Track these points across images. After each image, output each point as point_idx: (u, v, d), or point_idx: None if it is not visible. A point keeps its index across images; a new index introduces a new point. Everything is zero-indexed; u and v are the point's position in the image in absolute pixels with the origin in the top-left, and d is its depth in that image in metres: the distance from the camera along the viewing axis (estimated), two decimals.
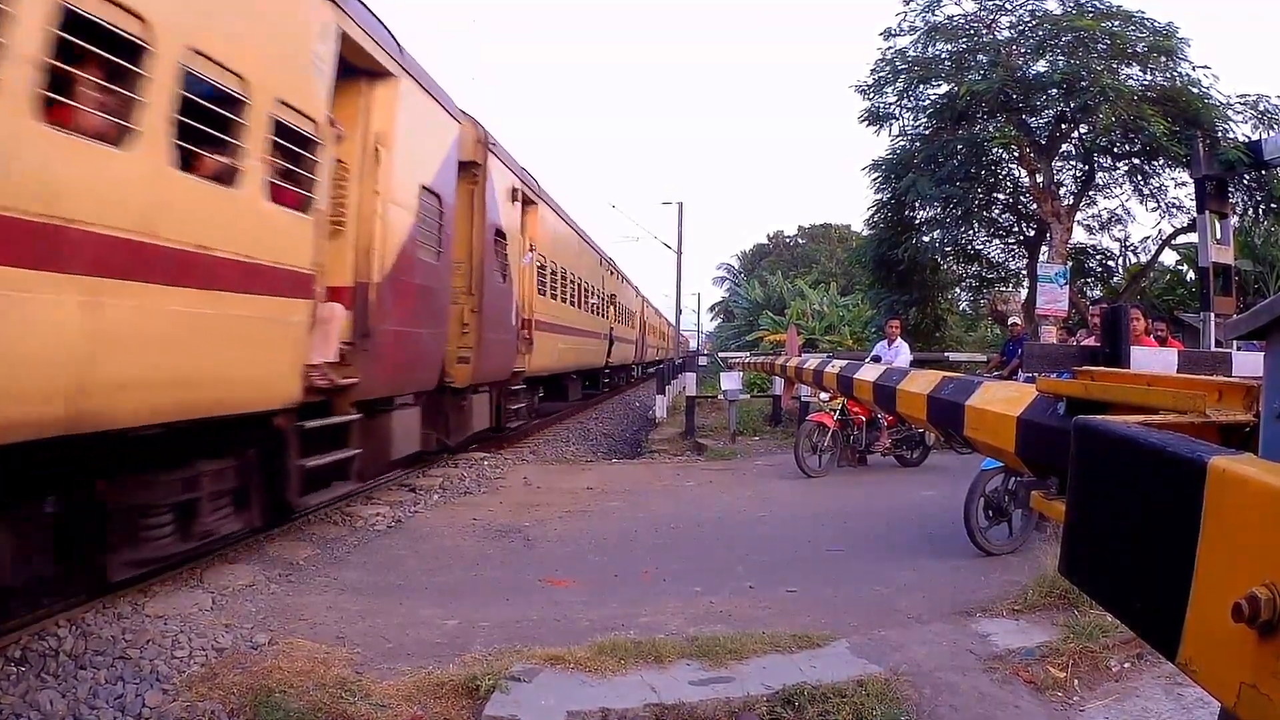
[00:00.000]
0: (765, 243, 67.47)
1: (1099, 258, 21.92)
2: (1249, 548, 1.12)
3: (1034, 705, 4.09)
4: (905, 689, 4.10)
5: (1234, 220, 17.99)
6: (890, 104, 19.65)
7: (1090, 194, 19.79)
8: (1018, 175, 19.64)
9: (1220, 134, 16.54)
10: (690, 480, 11.09)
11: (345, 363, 6.90)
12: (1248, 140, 16.47)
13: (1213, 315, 16.17)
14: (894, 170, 19.67)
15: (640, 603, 5.71)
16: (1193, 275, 21.05)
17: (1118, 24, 16.60)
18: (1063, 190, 18.98)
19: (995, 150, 18.40)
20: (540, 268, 15.09)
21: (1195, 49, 22.21)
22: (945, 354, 18.46)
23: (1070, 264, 17.81)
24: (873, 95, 19.69)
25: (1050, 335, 15.20)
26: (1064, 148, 18.67)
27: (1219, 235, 16.96)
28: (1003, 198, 20.52)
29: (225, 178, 5.07)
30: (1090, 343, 7.57)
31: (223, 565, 6.19)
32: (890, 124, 19.89)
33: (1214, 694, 1.20)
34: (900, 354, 11.66)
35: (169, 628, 4.86)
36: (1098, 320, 8.36)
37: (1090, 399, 2.09)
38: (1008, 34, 18.17)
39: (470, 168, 10.53)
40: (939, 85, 18.76)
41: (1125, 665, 4.53)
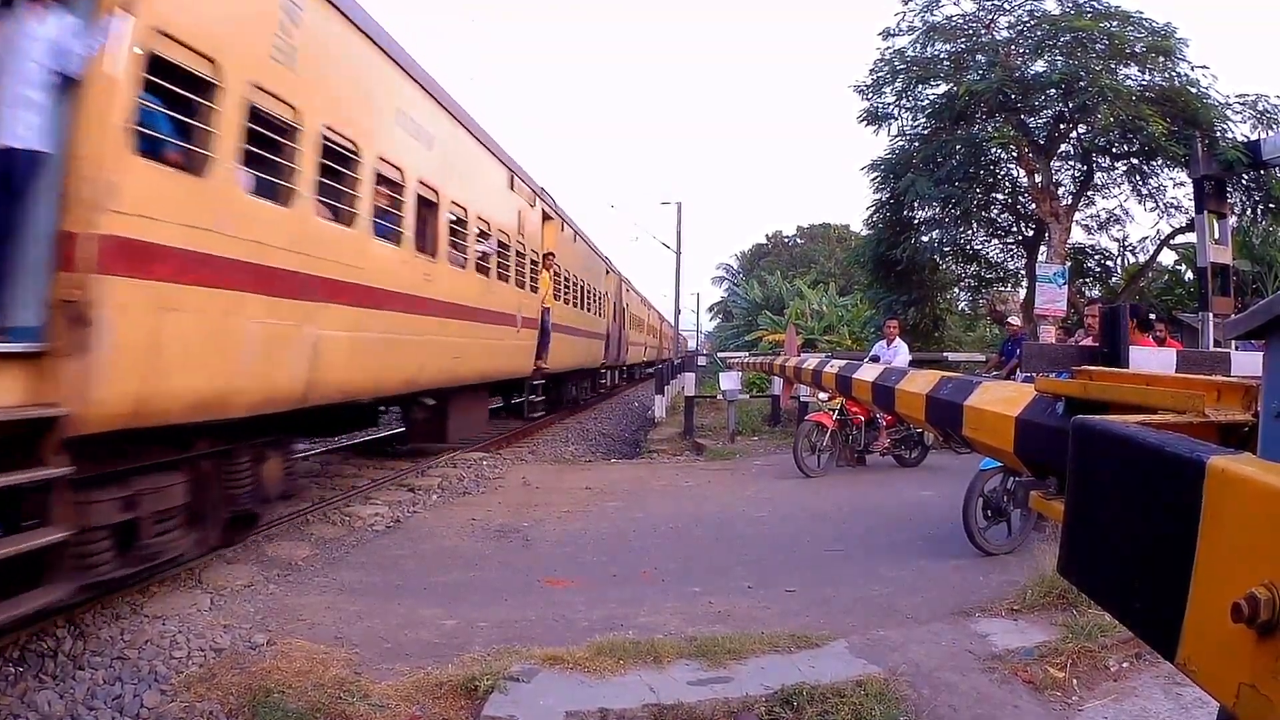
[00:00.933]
0: (764, 243, 67.46)
1: (1098, 258, 21.94)
2: (1248, 547, 1.12)
3: (1033, 705, 4.09)
4: (904, 689, 4.10)
5: (1232, 220, 17.99)
6: (889, 104, 19.67)
7: (1089, 194, 19.80)
8: (1016, 175, 19.66)
9: (1219, 134, 16.53)
10: (689, 480, 11.09)
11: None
12: (1246, 140, 16.47)
13: (1211, 315, 16.17)
14: (893, 170, 19.67)
15: (639, 603, 5.71)
16: (1191, 275, 21.07)
17: (1116, 24, 16.61)
18: (1061, 190, 18.99)
19: (994, 150, 18.40)
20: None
21: (1194, 49, 22.21)
22: (944, 354, 18.46)
23: (1069, 264, 17.82)
24: (871, 95, 19.71)
25: (1049, 335, 15.21)
26: (1062, 148, 18.67)
27: (1217, 235, 16.96)
28: (1001, 198, 20.53)
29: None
30: (1088, 342, 7.57)
31: (221, 565, 6.19)
32: (889, 124, 19.92)
33: (1213, 694, 1.20)
34: (899, 354, 11.67)
35: (167, 628, 4.85)
36: (1093, 320, 8.36)
37: (1089, 399, 2.09)
38: (1006, 34, 18.17)
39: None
40: (938, 85, 18.79)
41: (1124, 665, 4.53)
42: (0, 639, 4.36)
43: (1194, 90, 16.42)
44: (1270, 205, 18.60)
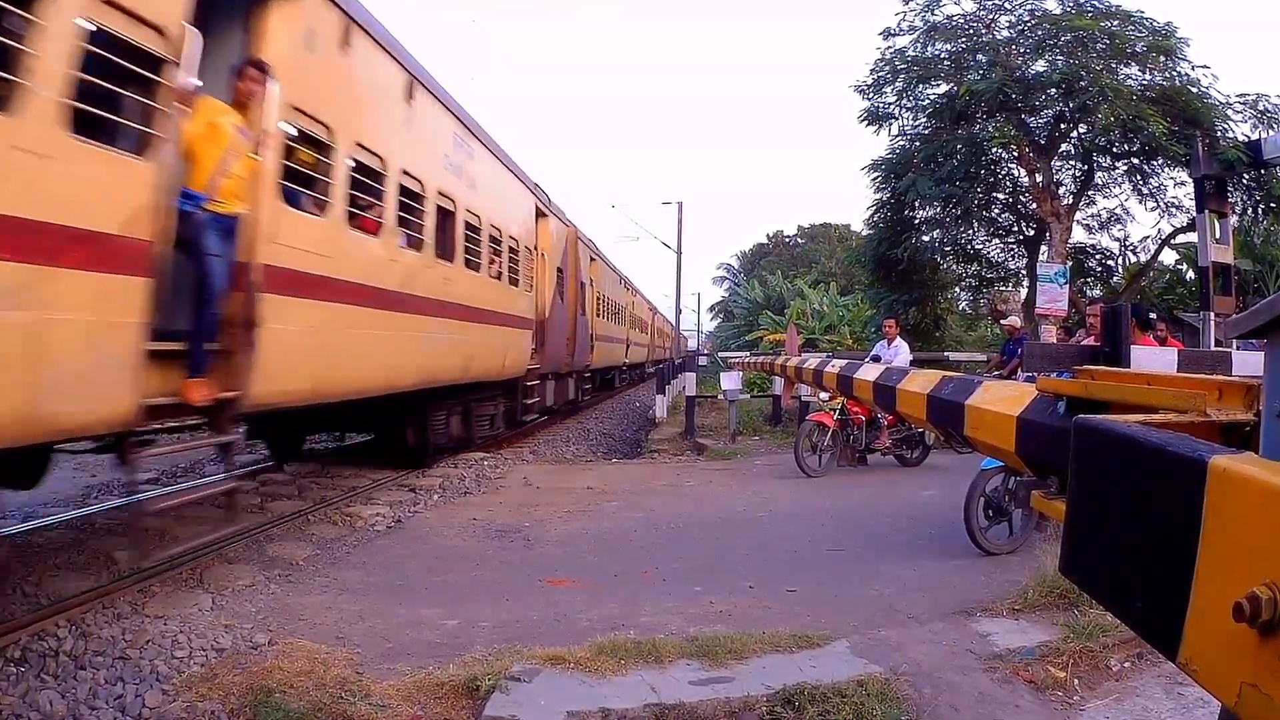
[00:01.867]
0: (765, 242, 67.52)
1: (1098, 257, 21.94)
2: (1250, 547, 1.12)
3: (1034, 705, 4.09)
4: (905, 689, 4.09)
5: (1233, 220, 17.99)
6: (890, 104, 19.70)
7: (1089, 193, 19.82)
8: (1017, 175, 19.68)
9: (1219, 133, 16.55)
10: (690, 480, 11.09)
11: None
12: (1247, 140, 16.48)
13: (1212, 314, 16.18)
14: (894, 170, 19.69)
15: (640, 602, 5.71)
16: (1192, 275, 21.07)
17: (1117, 24, 16.63)
18: (1062, 190, 19.00)
19: (995, 150, 18.42)
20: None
21: (1194, 49, 22.22)
22: (945, 353, 18.47)
23: (1070, 263, 17.82)
24: (872, 95, 19.75)
25: (1050, 335, 15.21)
26: (1063, 147, 18.69)
27: (1218, 235, 16.96)
28: (1002, 197, 20.55)
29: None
30: (1089, 342, 7.57)
31: (222, 565, 6.19)
32: (890, 124, 19.96)
33: (1215, 694, 1.20)
34: (900, 353, 11.66)
35: (169, 628, 4.85)
36: (1095, 319, 8.36)
37: (1090, 398, 2.09)
38: (1007, 34, 18.20)
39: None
40: (938, 85, 18.81)
41: (1125, 665, 4.53)
42: (2, 639, 4.37)
43: (1195, 90, 16.45)
44: (1271, 205, 18.62)
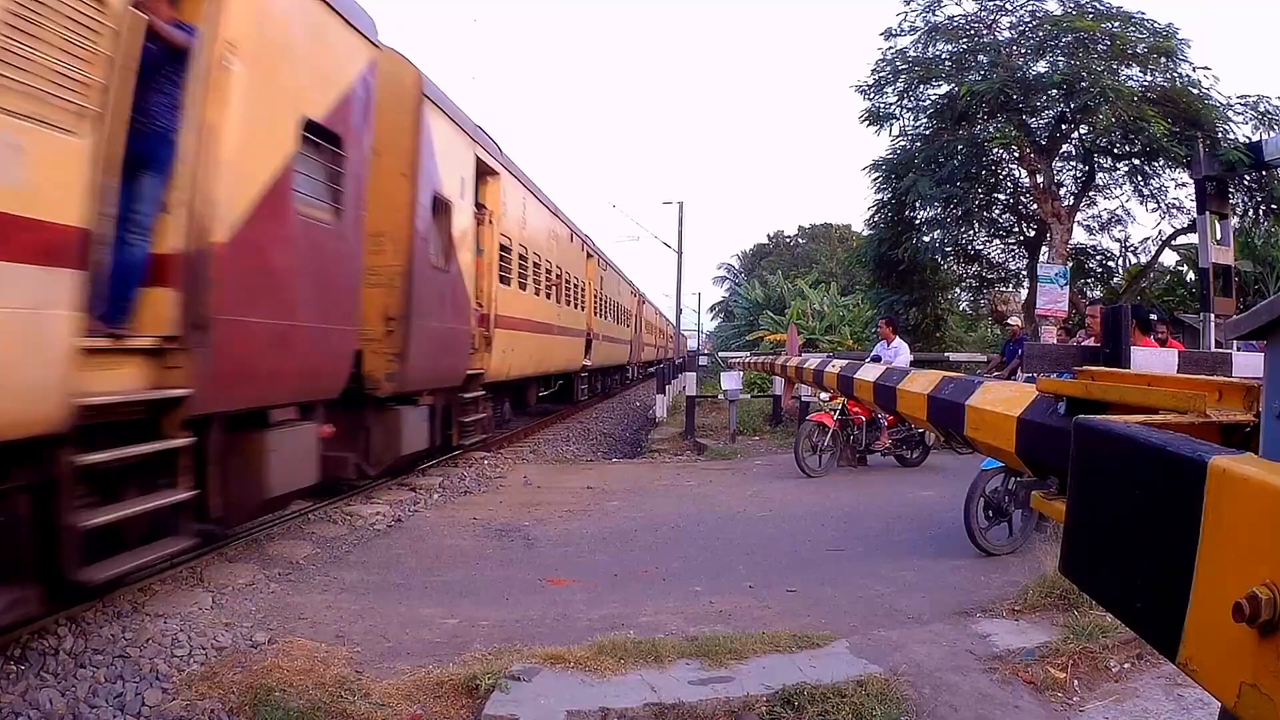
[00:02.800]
0: (765, 242, 67.60)
1: (1099, 258, 21.94)
2: (1249, 547, 1.12)
3: (1034, 705, 4.09)
4: (905, 689, 4.10)
5: (1234, 221, 17.98)
6: (891, 104, 19.70)
7: (1090, 194, 19.83)
8: (1018, 175, 19.68)
9: (1220, 135, 16.54)
10: (690, 480, 11.09)
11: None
12: (1248, 141, 16.47)
13: (1213, 316, 16.17)
14: (894, 170, 19.69)
15: (640, 602, 5.71)
16: (1193, 276, 21.06)
17: (1118, 25, 16.62)
18: (1063, 191, 19.01)
19: (995, 150, 18.42)
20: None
21: (1196, 50, 22.24)
22: (945, 354, 18.47)
23: (1070, 264, 17.82)
24: (873, 95, 19.74)
25: (1050, 335, 15.21)
26: (1064, 148, 18.69)
27: (1219, 236, 16.95)
28: (1003, 198, 20.55)
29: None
30: (1090, 343, 7.57)
31: (222, 564, 6.19)
32: (891, 124, 19.97)
33: (1214, 694, 1.20)
34: (900, 354, 11.63)
35: (169, 626, 4.86)
36: (1094, 319, 8.36)
37: (1090, 399, 2.09)
38: (1008, 34, 18.21)
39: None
40: (939, 85, 18.80)
41: (1125, 666, 4.53)
42: (1, 637, 4.37)
43: (1196, 91, 16.44)
44: (1272, 206, 18.62)
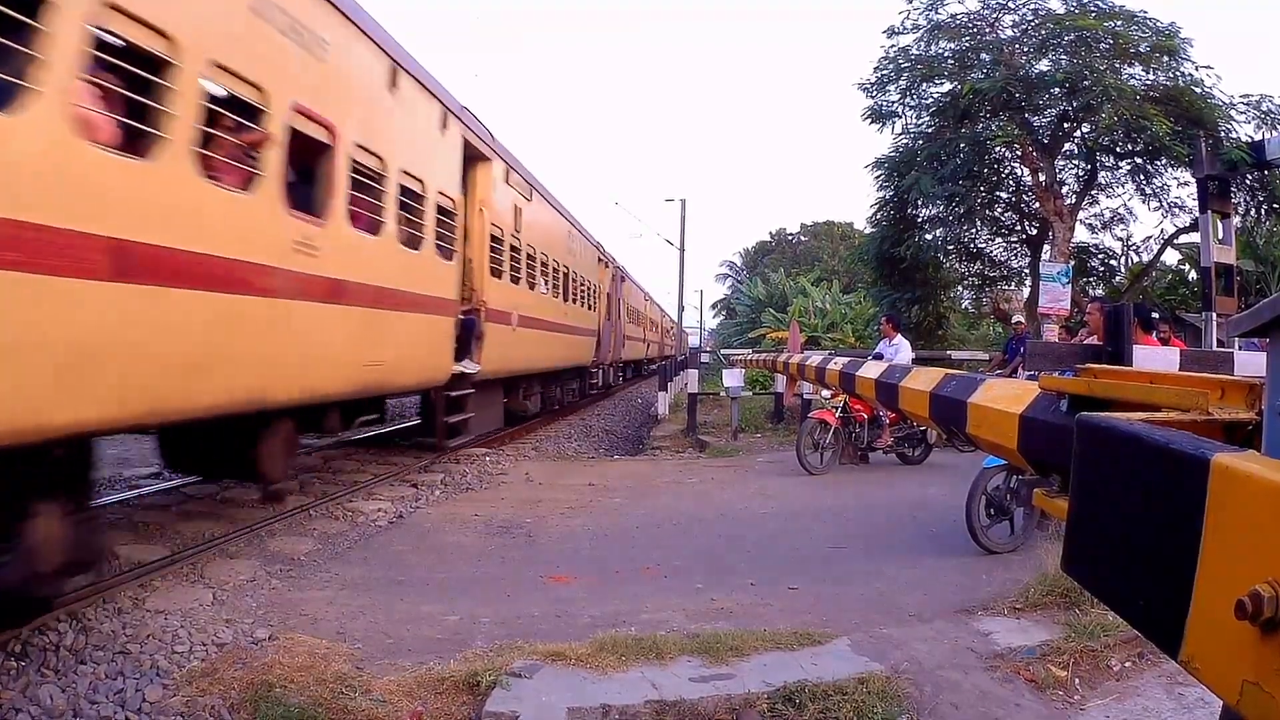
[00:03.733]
0: (768, 240, 67.57)
1: (1101, 257, 21.90)
2: (1252, 545, 1.12)
3: (1035, 704, 4.09)
4: (906, 687, 4.10)
5: (1236, 220, 17.95)
6: (893, 102, 19.66)
7: (1092, 193, 19.78)
8: (1020, 174, 19.65)
9: (1223, 134, 16.51)
10: (692, 477, 11.09)
11: None
12: (1250, 140, 16.44)
13: (1215, 315, 16.13)
14: (897, 168, 19.67)
15: (641, 599, 5.71)
16: (1195, 275, 21.04)
17: (1120, 24, 16.59)
18: (1065, 189, 18.97)
19: (998, 149, 18.37)
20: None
21: (1198, 49, 22.17)
22: (947, 352, 18.47)
23: (1072, 263, 17.81)
24: (876, 93, 19.70)
25: (1052, 334, 15.21)
26: (1066, 147, 18.65)
27: (1221, 235, 16.92)
28: (1005, 196, 20.51)
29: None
30: (1092, 340, 7.56)
31: (223, 560, 6.20)
32: (893, 122, 19.91)
33: (1216, 691, 1.19)
34: (900, 351, 11.61)
35: (169, 623, 4.86)
36: (1094, 317, 8.36)
37: (1093, 396, 2.09)
38: (1011, 33, 18.18)
39: None
40: (942, 83, 18.77)
41: (1126, 664, 4.53)
42: (2, 633, 4.38)
43: (1198, 90, 16.41)
44: (1274, 205, 18.59)
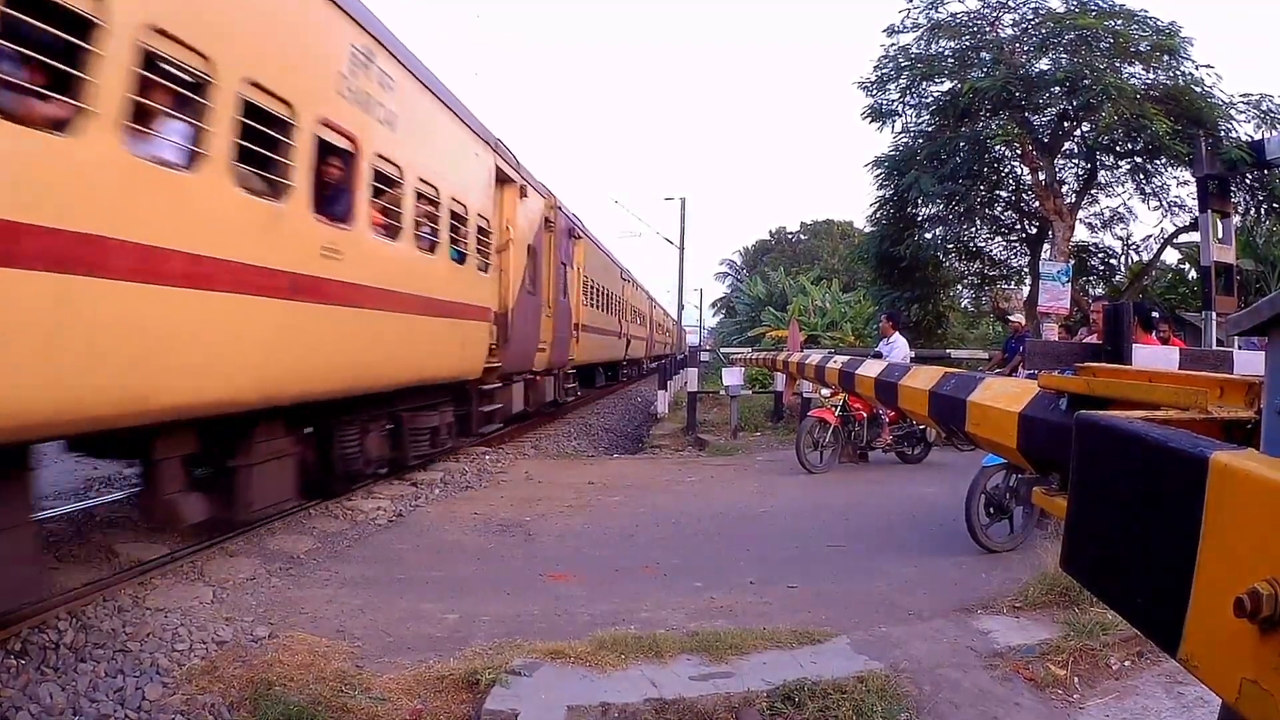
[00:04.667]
0: (768, 239, 67.63)
1: (1101, 256, 21.90)
2: (1251, 543, 1.12)
3: (1034, 703, 4.09)
4: (906, 685, 4.10)
5: (1236, 219, 17.95)
6: (893, 101, 19.65)
7: (1092, 192, 19.79)
8: (1020, 173, 19.64)
9: (1222, 133, 16.52)
10: (692, 476, 11.09)
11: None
12: (1250, 140, 16.44)
13: (1214, 314, 16.14)
14: (897, 167, 19.67)
15: (641, 597, 5.72)
16: (1195, 274, 21.03)
17: (1120, 23, 16.58)
18: (1065, 188, 18.97)
19: (998, 148, 18.36)
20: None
21: (1198, 48, 22.14)
22: (947, 351, 18.48)
23: (1072, 262, 17.81)
24: (876, 92, 19.69)
25: (1052, 333, 15.22)
26: (1066, 146, 18.65)
27: (1221, 234, 16.92)
28: (1005, 195, 20.51)
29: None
30: (1092, 340, 7.57)
31: (224, 558, 6.20)
32: (893, 121, 19.92)
33: (1215, 690, 1.20)
34: (896, 349, 11.57)
35: (169, 621, 4.86)
36: (1098, 317, 8.36)
37: (1092, 395, 2.09)
38: (1011, 32, 18.17)
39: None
40: (942, 82, 18.75)
41: (1125, 663, 4.54)
42: (2, 631, 4.38)
43: (1198, 89, 16.41)
44: (1274, 205, 18.59)
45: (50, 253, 3.86)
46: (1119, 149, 18.11)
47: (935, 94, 19.04)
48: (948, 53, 18.56)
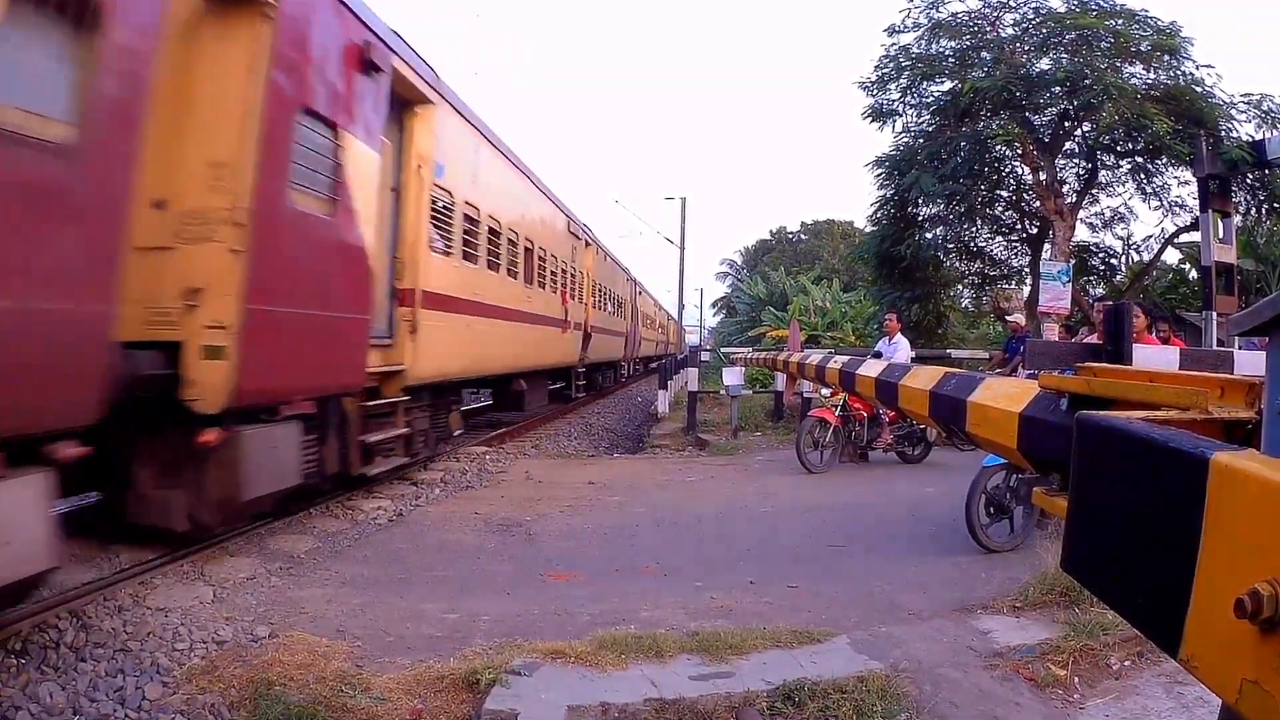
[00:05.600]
0: (768, 238, 67.67)
1: (1101, 256, 21.88)
2: (1251, 543, 1.12)
3: (1034, 703, 4.09)
4: (906, 685, 4.10)
5: (1236, 219, 17.94)
6: (894, 100, 19.64)
7: (1093, 192, 19.77)
8: (1021, 173, 19.63)
9: (1223, 133, 16.51)
10: (692, 475, 11.09)
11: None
12: (1251, 139, 16.44)
13: (1215, 314, 16.13)
14: (897, 167, 19.65)
15: (641, 597, 5.72)
16: (1195, 274, 21.02)
17: (1121, 22, 16.58)
18: (1065, 188, 18.96)
19: (998, 147, 18.35)
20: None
21: (1199, 48, 22.12)
22: (947, 351, 18.48)
23: (1073, 262, 17.79)
24: (876, 91, 19.69)
25: (1052, 333, 15.21)
26: (1067, 145, 18.65)
27: (1221, 234, 16.91)
28: (1006, 195, 20.50)
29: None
30: (1093, 340, 7.57)
31: (224, 558, 6.20)
32: (894, 120, 19.90)
33: (1215, 690, 1.19)
34: (899, 349, 11.60)
35: (169, 620, 4.86)
36: (1101, 317, 8.36)
37: (1093, 395, 2.08)
38: (1011, 31, 18.17)
39: None
40: (943, 82, 18.75)
41: (1126, 663, 4.53)
42: (2, 630, 4.38)
43: (1199, 89, 16.41)
44: (1275, 205, 18.58)
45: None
46: (1120, 149, 18.10)
47: (936, 94, 19.06)
48: (948, 52, 18.56)
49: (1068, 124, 18.14)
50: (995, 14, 18.30)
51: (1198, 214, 17.39)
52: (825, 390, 10.86)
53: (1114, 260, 22.06)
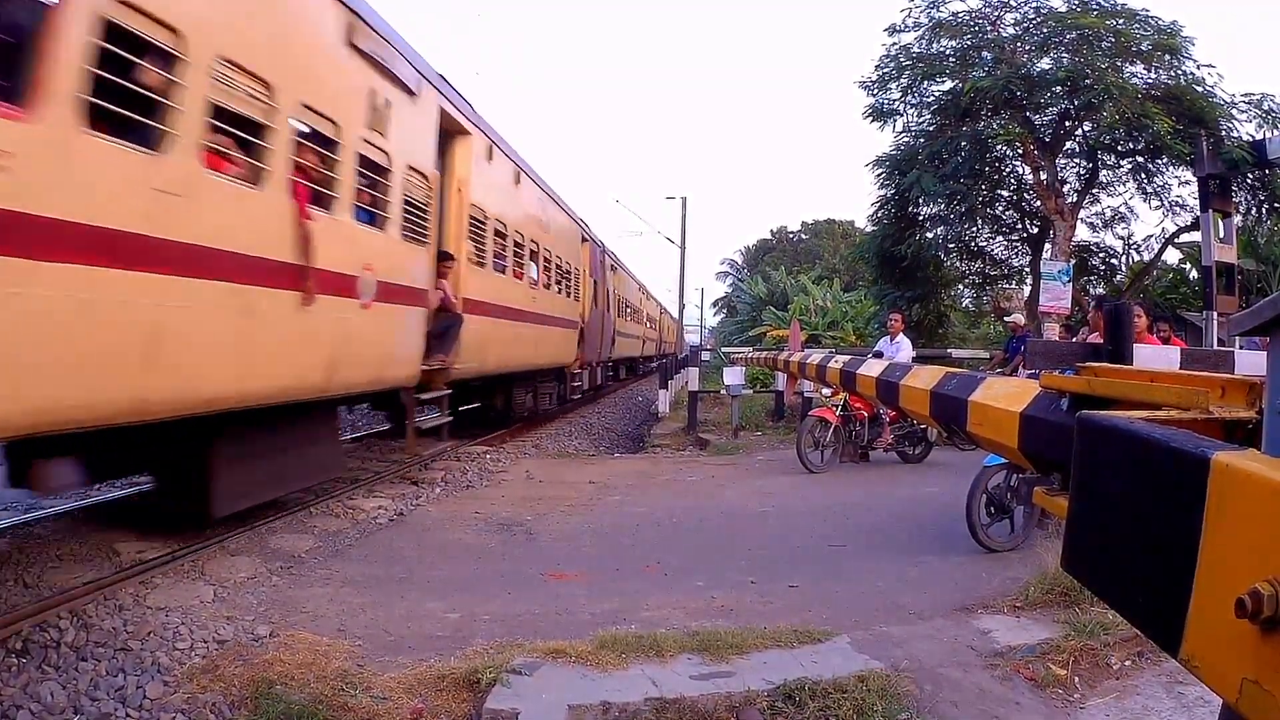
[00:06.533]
0: (769, 238, 67.70)
1: (1102, 255, 21.85)
2: (1252, 543, 1.12)
3: (1035, 702, 4.10)
4: (906, 685, 4.10)
5: (1237, 219, 17.92)
6: (894, 100, 19.62)
7: (1094, 192, 19.75)
8: (1021, 172, 19.63)
9: (1224, 133, 16.49)
10: (692, 475, 11.09)
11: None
12: (1251, 139, 16.42)
13: (1215, 314, 16.11)
14: (898, 166, 19.64)
15: (642, 597, 5.72)
16: (1196, 274, 21.01)
17: (1122, 22, 16.56)
18: (1066, 188, 18.94)
19: (999, 147, 18.34)
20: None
21: (1199, 48, 22.10)
22: (948, 350, 18.48)
23: (1073, 261, 17.79)
24: (877, 91, 19.67)
25: (1053, 332, 15.21)
26: (1068, 145, 18.63)
27: (1222, 234, 16.90)
28: (1006, 195, 20.49)
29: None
30: (1093, 339, 7.56)
31: (224, 557, 6.20)
32: (894, 120, 19.87)
33: (1216, 690, 1.20)
34: (901, 350, 11.61)
35: (170, 619, 4.87)
36: (1094, 314, 8.37)
37: (1093, 395, 2.08)
38: (1012, 31, 18.14)
39: None
40: (943, 82, 18.73)
41: (1126, 663, 4.54)
42: (3, 630, 4.38)
43: (1199, 89, 16.39)
44: (1275, 205, 18.55)
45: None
46: (1120, 148, 18.09)
47: (936, 93, 19.04)
48: (949, 52, 18.54)
49: (1068, 123, 18.13)
50: (996, 13, 18.28)
51: (1198, 214, 17.37)
52: (826, 390, 10.87)
53: (1114, 260, 22.06)
